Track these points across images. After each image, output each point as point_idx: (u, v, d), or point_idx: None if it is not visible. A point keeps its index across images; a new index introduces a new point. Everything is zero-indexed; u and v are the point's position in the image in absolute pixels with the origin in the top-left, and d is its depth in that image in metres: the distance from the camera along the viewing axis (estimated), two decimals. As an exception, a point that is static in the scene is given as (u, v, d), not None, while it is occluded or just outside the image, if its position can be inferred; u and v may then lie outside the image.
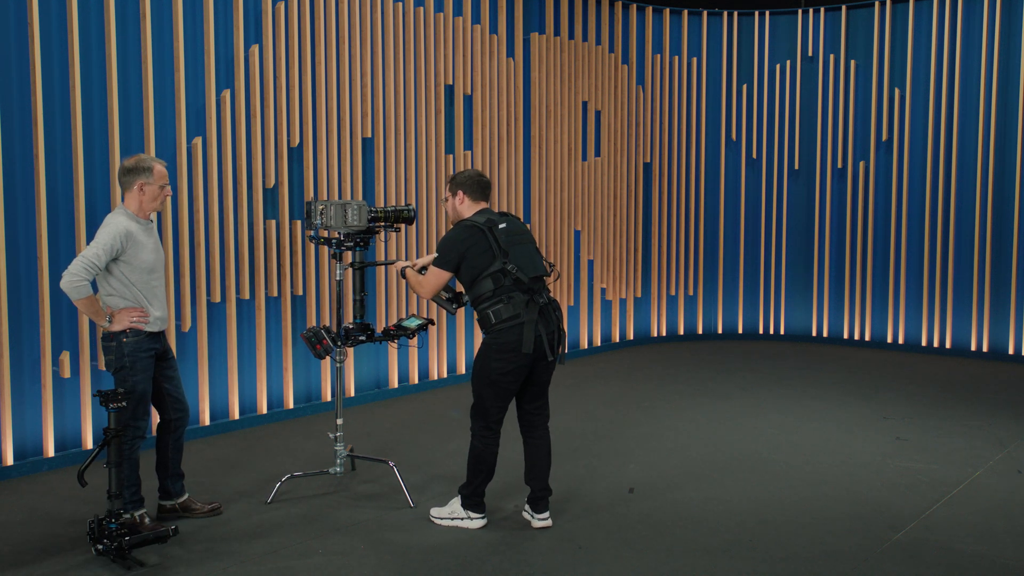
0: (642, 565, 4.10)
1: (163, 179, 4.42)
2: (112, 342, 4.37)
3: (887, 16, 9.44)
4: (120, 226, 4.28)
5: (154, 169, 4.38)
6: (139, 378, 4.39)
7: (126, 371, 4.37)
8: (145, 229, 4.42)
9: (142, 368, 4.40)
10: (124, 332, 4.35)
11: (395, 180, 7.41)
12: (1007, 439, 6.10)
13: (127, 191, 4.39)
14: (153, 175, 4.37)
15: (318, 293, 6.92)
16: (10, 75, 5.32)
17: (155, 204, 4.43)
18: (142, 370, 4.40)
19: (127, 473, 4.37)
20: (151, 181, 4.37)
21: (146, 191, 4.37)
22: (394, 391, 7.50)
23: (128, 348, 4.36)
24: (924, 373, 8.38)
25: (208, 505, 4.73)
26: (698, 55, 10.04)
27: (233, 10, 6.37)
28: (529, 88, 8.58)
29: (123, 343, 4.36)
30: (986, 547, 4.29)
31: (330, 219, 4.84)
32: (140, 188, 4.36)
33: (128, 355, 4.36)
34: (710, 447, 5.94)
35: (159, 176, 4.39)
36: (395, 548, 4.29)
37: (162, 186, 4.42)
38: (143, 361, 4.40)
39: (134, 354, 4.37)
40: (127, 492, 4.39)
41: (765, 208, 10.17)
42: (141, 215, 4.41)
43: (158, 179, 4.39)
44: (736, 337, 10.26)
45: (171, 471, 4.66)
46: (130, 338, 4.36)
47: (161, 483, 4.67)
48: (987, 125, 8.95)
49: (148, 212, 4.44)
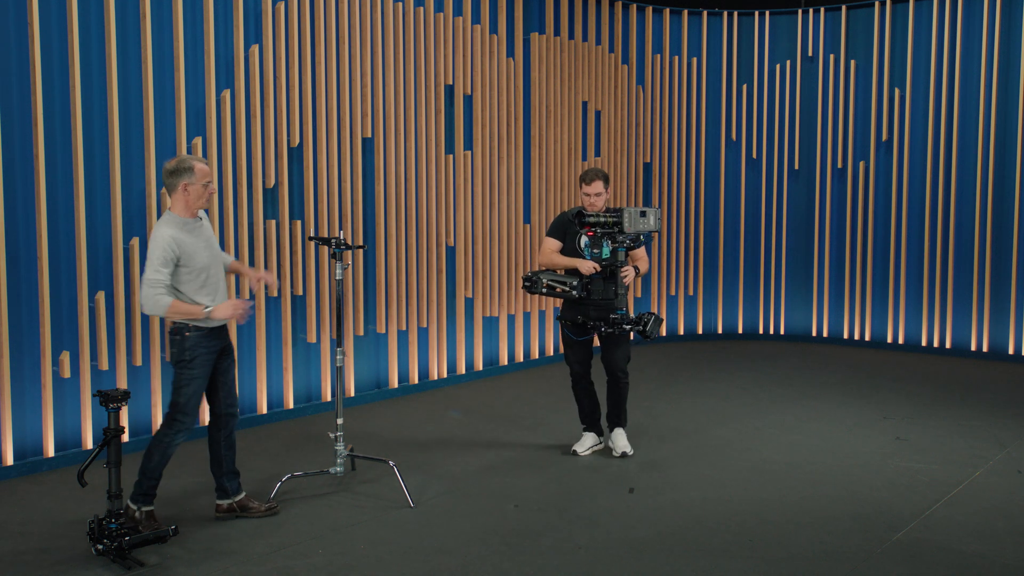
0: (642, 565, 4.10)
1: (206, 177, 4.43)
2: (177, 336, 4.41)
3: (887, 16, 9.44)
4: (166, 237, 4.30)
5: (196, 168, 4.39)
6: (196, 372, 4.42)
7: (185, 364, 4.40)
8: (193, 229, 4.42)
9: (201, 364, 4.43)
10: (187, 326, 4.38)
11: (395, 180, 7.41)
12: (1007, 439, 6.11)
13: (172, 193, 4.40)
14: (196, 174, 4.39)
15: (318, 293, 6.92)
16: (10, 75, 5.33)
17: (201, 202, 4.44)
18: (200, 365, 4.43)
19: (156, 463, 4.41)
20: (194, 180, 4.38)
21: (190, 191, 4.39)
22: (394, 391, 7.50)
23: (190, 343, 4.39)
24: (924, 373, 8.38)
25: (265, 505, 4.73)
26: (698, 55, 10.04)
27: (233, 10, 6.37)
28: (529, 88, 8.58)
29: (186, 337, 4.39)
30: (986, 547, 4.29)
31: (638, 223, 5.26)
32: (184, 189, 4.38)
33: (189, 349, 4.39)
34: (710, 447, 5.94)
35: (202, 174, 4.41)
36: (395, 548, 4.29)
37: (205, 184, 4.42)
38: (203, 357, 4.43)
39: (195, 349, 4.40)
40: (145, 482, 4.41)
41: (765, 208, 10.17)
42: (188, 214, 4.42)
43: (201, 177, 4.40)
44: (736, 337, 10.26)
45: (225, 468, 4.67)
46: (193, 332, 4.39)
47: (217, 481, 4.68)
48: (987, 125, 8.95)
49: (195, 211, 4.45)
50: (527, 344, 8.79)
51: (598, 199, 5.50)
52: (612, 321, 5.36)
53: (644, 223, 5.26)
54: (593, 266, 5.38)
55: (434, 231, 7.76)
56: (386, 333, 7.47)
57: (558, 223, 5.70)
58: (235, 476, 4.70)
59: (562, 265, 5.59)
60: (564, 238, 5.64)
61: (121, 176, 5.80)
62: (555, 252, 5.65)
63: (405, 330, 7.61)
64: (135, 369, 5.93)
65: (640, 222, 5.24)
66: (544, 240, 5.74)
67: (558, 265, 5.62)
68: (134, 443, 5.85)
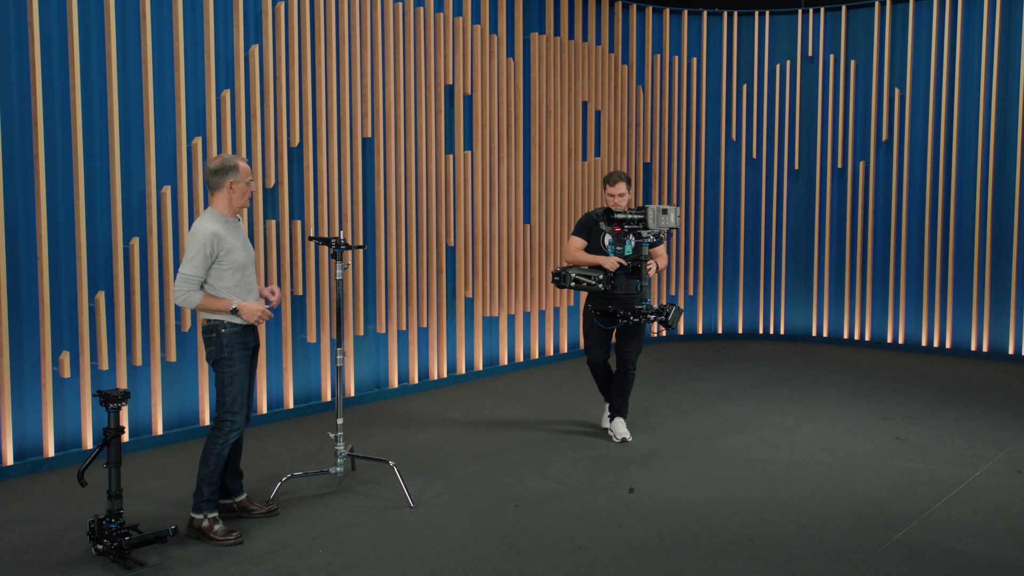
0: (642, 565, 4.10)
1: (248, 175, 4.45)
2: (212, 334, 4.41)
3: (887, 16, 9.45)
4: (207, 232, 4.31)
5: (239, 166, 4.42)
6: (238, 368, 4.42)
7: (225, 362, 4.40)
8: (233, 228, 4.45)
9: (240, 359, 4.43)
10: (222, 323, 4.38)
11: (395, 180, 7.41)
12: (1007, 439, 6.11)
13: (216, 191, 4.41)
14: (239, 172, 4.41)
15: (318, 293, 6.92)
16: (10, 75, 5.33)
17: (244, 201, 4.47)
18: (240, 360, 4.43)
19: (212, 468, 4.39)
20: (239, 179, 4.40)
21: (235, 189, 4.40)
22: (394, 391, 7.50)
23: (227, 339, 4.39)
24: (924, 373, 8.38)
25: (266, 506, 4.73)
26: (698, 55, 10.04)
27: (233, 10, 6.37)
28: (529, 88, 8.58)
29: (222, 334, 4.39)
30: (986, 547, 4.29)
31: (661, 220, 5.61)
32: (230, 187, 4.40)
33: (227, 346, 4.39)
34: (710, 447, 5.94)
35: (245, 173, 4.43)
36: (395, 548, 4.29)
37: (248, 182, 4.45)
38: (240, 352, 4.43)
39: (232, 345, 4.40)
40: (206, 490, 4.39)
41: (765, 208, 10.17)
42: (230, 213, 4.45)
43: (244, 176, 4.43)
44: (736, 337, 10.26)
45: (231, 468, 4.67)
46: (228, 329, 4.39)
47: (221, 481, 4.66)
48: (987, 125, 8.95)
49: (237, 209, 4.47)
50: (527, 344, 8.79)
51: (621, 199, 5.93)
52: (638, 311, 5.73)
53: (666, 220, 5.65)
54: (617, 261, 5.82)
55: (434, 231, 7.76)
56: (386, 333, 7.47)
57: (584, 222, 6.10)
58: (238, 477, 4.71)
59: (587, 262, 5.98)
60: (589, 236, 6.05)
61: (121, 176, 5.80)
62: (580, 250, 6.05)
63: (405, 330, 7.61)
64: (135, 369, 5.93)
65: (662, 219, 5.63)
66: (570, 238, 6.15)
67: (583, 262, 6.00)
68: (134, 443, 5.86)
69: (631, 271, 5.83)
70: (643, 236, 5.66)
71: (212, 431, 4.45)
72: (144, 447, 5.92)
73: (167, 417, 6.10)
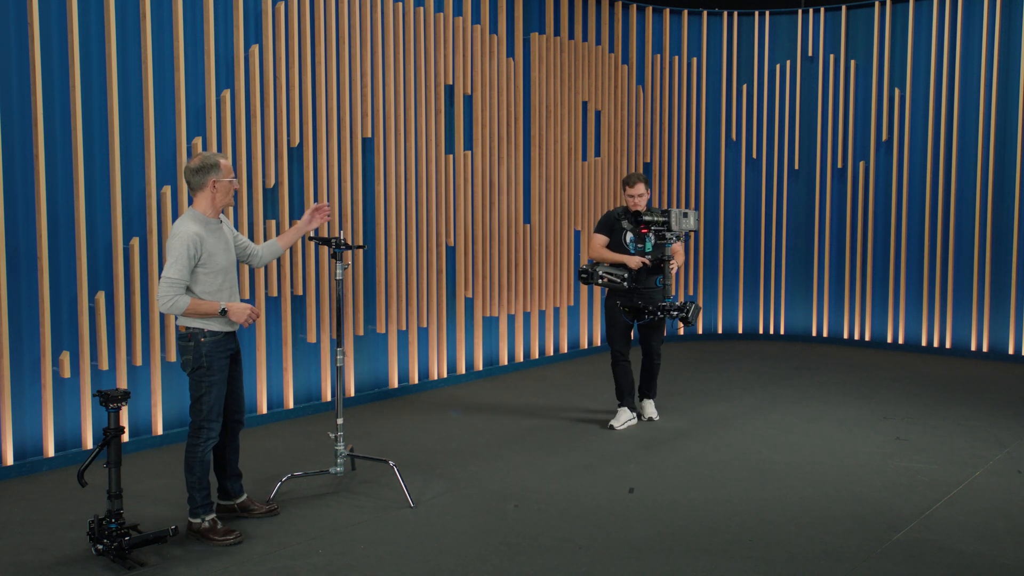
0: (642, 565, 4.10)
1: (230, 172, 4.36)
2: (190, 342, 4.31)
3: (887, 16, 9.45)
4: (189, 232, 4.21)
5: (221, 164, 4.32)
6: (216, 378, 4.34)
7: (203, 371, 4.31)
8: (215, 230, 4.35)
9: (219, 368, 4.35)
10: (202, 331, 4.29)
11: (395, 180, 7.41)
12: (1007, 439, 6.11)
13: (199, 191, 4.31)
14: (222, 170, 4.31)
15: (318, 293, 6.92)
16: (10, 75, 5.33)
17: (227, 199, 4.37)
18: (219, 370, 4.35)
19: (199, 475, 4.34)
20: (221, 176, 4.31)
21: (219, 187, 4.31)
22: (394, 391, 7.50)
23: (206, 348, 4.30)
24: (924, 373, 8.38)
25: (266, 506, 4.72)
26: (698, 55, 10.04)
27: (233, 10, 6.37)
28: (529, 88, 8.58)
29: (201, 343, 4.29)
30: (986, 547, 4.29)
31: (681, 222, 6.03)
32: (213, 185, 4.30)
33: (206, 355, 4.31)
34: (710, 447, 5.94)
35: (227, 170, 4.34)
36: (395, 548, 4.29)
37: (231, 180, 4.35)
38: (220, 361, 4.35)
39: (211, 354, 4.32)
40: (198, 496, 4.35)
41: (765, 208, 10.18)
42: (212, 213, 4.35)
43: (226, 173, 4.33)
44: (736, 337, 10.27)
45: (230, 472, 4.65)
46: (208, 338, 4.31)
47: (220, 483, 4.67)
48: (987, 125, 8.95)
49: (220, 208, 4.37)
50: (527, 344, 8.79)
51: (640, 199, 6.26)
52: (662, 308, 6.13)
53: (687, 223, 6.09)
54: (641, 260, 6.22)
55: (434, 231, 7.76)
56: (386, 333, 7.47)
57: (605, 220, 6.48)
58: (238, 478, 4.70)
59: (611, 259, 6.33)
60: (611, 233, 6.40)
61: (121, 176, 5.80)
62: (603, 247, 6.40)
63: (405, 330, 7.61)
64: (135, 369, 5.93)
65: (683, 222, 6.07)
66: (592, 236, 6.51)
67: (608, 259, 6.35)
68: (134, 443, 5.86)
69: (653, 269, 6.24)
70: (667, 238, 6.02)
71: (190, 439, 4.36)
72: (144, 447, 5.92)
73: (167, 417, 6.10)
